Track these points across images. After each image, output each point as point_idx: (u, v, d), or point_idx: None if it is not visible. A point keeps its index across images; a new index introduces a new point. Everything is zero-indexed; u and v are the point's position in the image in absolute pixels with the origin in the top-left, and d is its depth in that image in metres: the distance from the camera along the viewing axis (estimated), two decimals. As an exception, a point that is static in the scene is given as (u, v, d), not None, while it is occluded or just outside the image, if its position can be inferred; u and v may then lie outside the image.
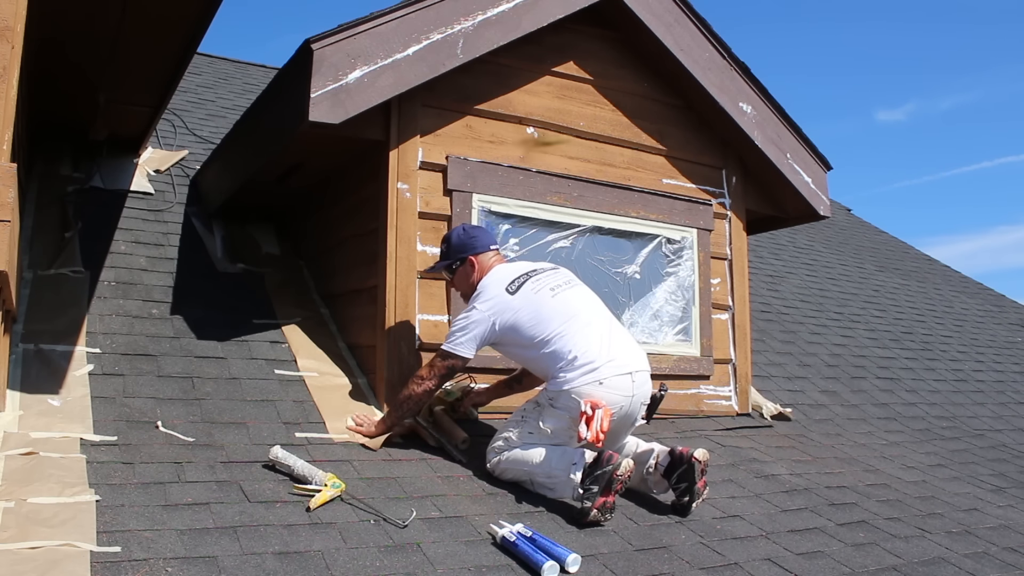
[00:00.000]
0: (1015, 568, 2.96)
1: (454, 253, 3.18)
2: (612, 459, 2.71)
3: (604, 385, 2.84)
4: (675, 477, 2.92)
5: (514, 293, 2.99)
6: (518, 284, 3.02)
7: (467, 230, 3.23)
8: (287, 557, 2.23)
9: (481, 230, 3.27)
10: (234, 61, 8.01)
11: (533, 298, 2.98)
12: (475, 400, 3.43)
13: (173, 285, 3.84)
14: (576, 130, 3.96)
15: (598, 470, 2.71)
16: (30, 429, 2.69)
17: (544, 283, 3.04)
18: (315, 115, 3.12)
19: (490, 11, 3.52)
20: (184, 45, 3.49)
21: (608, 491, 2.70)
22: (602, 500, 2.70)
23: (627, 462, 2.74)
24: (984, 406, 5.56)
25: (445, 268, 3.23)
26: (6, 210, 2.19)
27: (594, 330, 2.96)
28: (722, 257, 4.35)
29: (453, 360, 3.00)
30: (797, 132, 4.37)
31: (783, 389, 4.83)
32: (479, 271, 3.14)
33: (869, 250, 9.08)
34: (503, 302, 2.98)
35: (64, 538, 2.10)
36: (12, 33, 2.25)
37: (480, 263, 3.15)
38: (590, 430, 2.75)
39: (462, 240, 3.18)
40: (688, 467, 2.88)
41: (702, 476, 2.92)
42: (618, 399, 2.87)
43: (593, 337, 2.93)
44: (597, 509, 2.70)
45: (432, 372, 3.03)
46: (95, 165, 4.56)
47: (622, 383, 2.89)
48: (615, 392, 2.86)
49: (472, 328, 2.98)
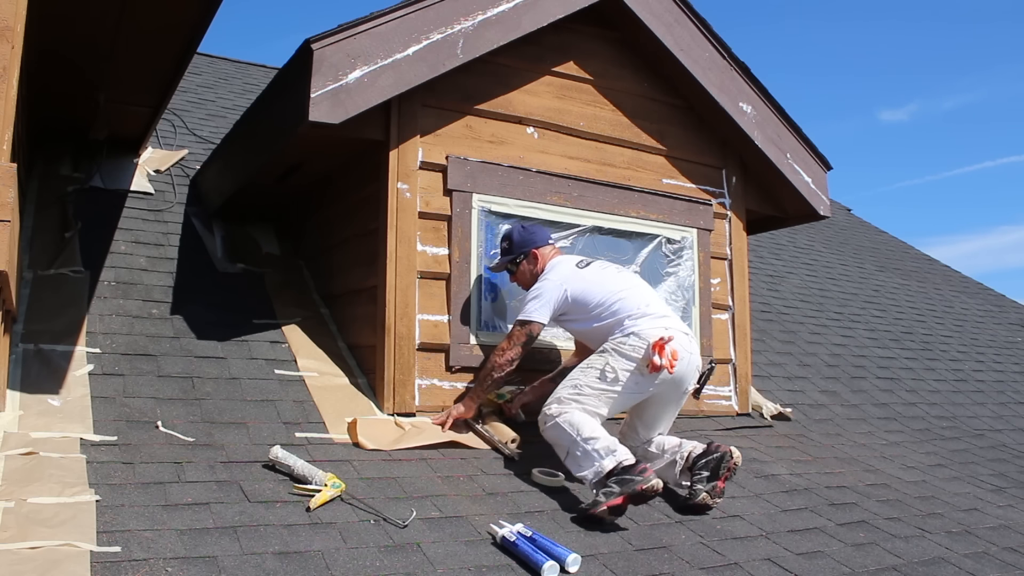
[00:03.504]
0: (1015, 568, 2.96)
1: (517, 248, 3.41)
2: (646, 472, 2.75)
3: (666, 336, 3.01)
4: (702, 463, 2.98)
5: (583, 268, 3.30)
6: (586, 263, 3.34)
7: (526, 227, 3.46)
8: (287, 557, 2.23)
9: (538, 226, 3.51)
10: (234, 61, 8.01)
11: (601, 272, 3.28)
12: (523, 400, 3.54)
13: (173, 285, 3.84)
14: (576, 130, 3.96)
15: (628, 475, 2.74)
16: (30, 429, 2.69)
17: (608, 266, 3.38)
18: (315, 115, 3.12)
19: (490, 11, 3.52)
20: (184, 45, 3.49)
21: (625, 496, 2.71)
22: (616, 502, 2.72)
23: (659, 482, 2.76)
24: (984, 406, 5.56)
25: (509, 263, 3.45)
26: (6, 210, 2.19)
27: (656, 299, 3.26)
28: (722, 257, 4.35)
29: (531, 326, 3.21)
30: (797, 132, 4.37)
31: (783, 389, 4.83)
32: (541, 263, 3.39)
33: (869, 250, 9.08)
34: (573, 273, 3.27)
35: (64, 538, 2.10)
36: (12, 33, 2.25)
37: (542, 255, 3.41)
38: (663, 357, 2.94)
39: (523, 236, 3.42)
40: (720, 457, 2.97)
41: (727, 473, 2.98)
42: (680, 352, 3.03)
43: (654, 303, 3.21)
44: (608, 508, 2.72)
45: (512, 342, 3.21)
46: (95, 165, 4.56)
47: (682, 340, 3.10)
48: (678, 345, 3.04)
49: (545, 295, 3.21)
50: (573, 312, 3.25)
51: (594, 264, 3.33)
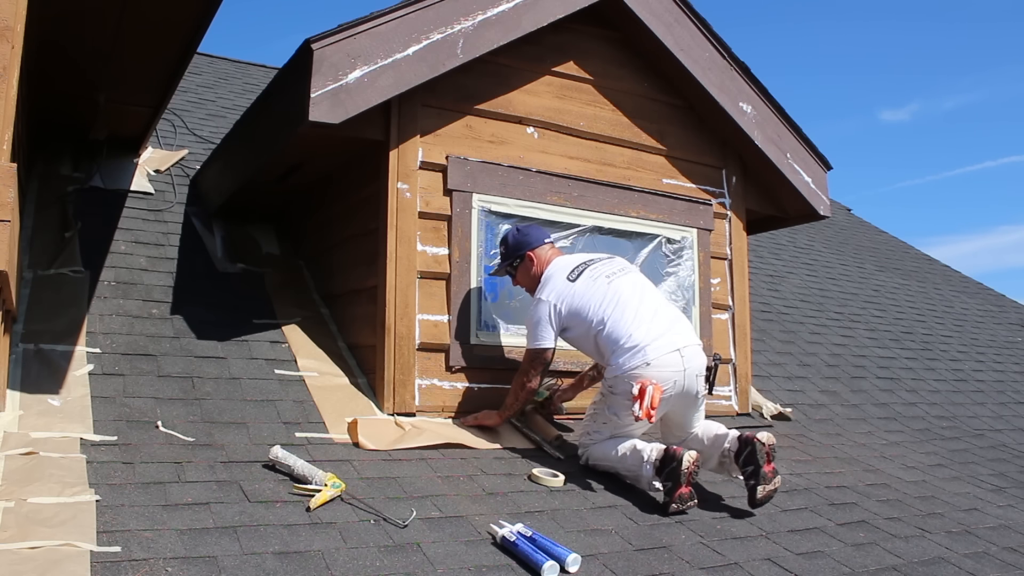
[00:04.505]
0: (1015, 568, 2.96)
1: (512, 252, 3.43)
2: (676, 454, 2.92)
3: (652, 365, 3.04)
4: (743, 460, 3.06)
5: (574, 280, 3.26)
6: (577, 272, 3.28)
7: (520, 229, 3.46)
8: (287, 557, 2.23)
9: (533, 227, 3.49)
10: (234, 61, 8.01)
11: (591, 285, 3.23)
12: (563, 397, 3.64)
13: (173, 285, 3.84)
14: (576, 130, 3.96)
15: (667, 467, 2.93)
16: (30, 429, 2.69)
17: (600, 271, 3.28)
18: (315, 115, 3.12)
19: (490, 11, 3.52)
20: (184, 45, 3.49)
21: (679, 483, 2.90)
22: (678, 492, 2.90)
23: (690, 453, 2.93)
24: (984, 406, 5.56)
25: (507, 267, 3.47)
26: (6, 210, 2.19)
27: (642, 314, 3.16)
28: (722, 257, 4.35)
29: (543, 354, 3.27)
30: (797, 132, 4.37)
31: (783, 389, 4.83)
32: (538, 264, 3.38)
33: (869, 250, 9.08)
34: (565, 288, 3.25)
35: (64, 538, 2.10)
36: (12, 33, 2.25)
37: (538, 256, 3.39)
38: (641, 407, 2.97)
39: (517, 239, 3.43)
40: (752, 449, 3.02)
41: (768, 460, 3.02)
42: (669, 375, 3.06)
43: (640, 320, 3.13)
44: (675, 501, 2.91)
45: (531, 373, 3.29)
46: (95, 165, 4.56)
47: (671, 360, 3.07)
48: (665, 369, 3.05)
49: (543, 318, 3.24)
50: (571, 328, 3.27)
51: (585, 273, 3.27)
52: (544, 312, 3.24)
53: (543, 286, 3.29)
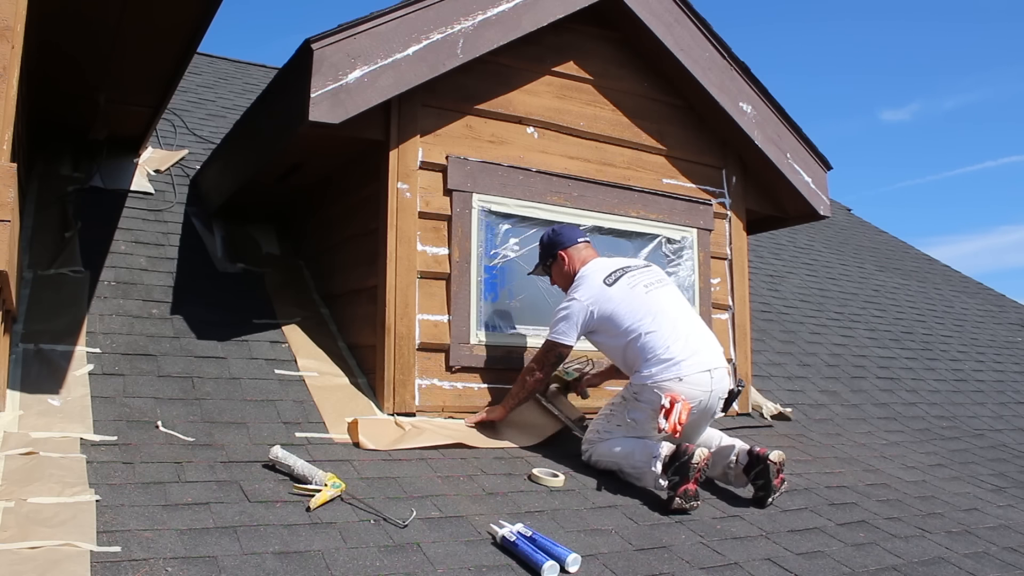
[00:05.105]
0: (1015, 568, 2.96)
1: (547, 252, 3.48)
2: (688, 450, 2.91)
3: (684, 381, 3.06)
4: (753, 475, 3.12)
5: (611, 285, 3.24)
6: (615, 277, 3.27)
7: (555, 230, 3.49)
8: (287, 557, 2.23)
9: (567, 226, 3.53)
10: (234, 61, 8.01)
11: (628, 292, 3.22)
12: (590, 382, 3.70)
13: (173, 285, 3.84)
14: (576, 130, 3.96)
15: (677, 461, 2.92)
16: (30, 429, 2.69)
17: (639, 279, 3.27)
18: (315, 115, 3.12)
19: (490, 11, 3.52)
20: (184, 45, 3.49)
21: (687, 479, 2.90)
22: (683, 488, 2.90)
23: (702, 451, 2.93)
24: (984, 406, 5.56)
25: (543, 267, 3.51)
26: (6, 210, 2.19)
27: (679, 328, 3.17)
28: (722, 257, 4.35)
29: (559, 348, 3.27)
30: (797, 132, 4.37)
31: (783, 389, 4.83)
32: (571, 263, 3.41)
33: (869, 250, 9.08)
34: (601, 292, 3.23)
35: (64, 538, 2.10)
36: (12, 33, 2.25)
37: (571, 256, 3.42)
38: (668, 422, 2.97)
39: (551, 239, 3.47)
40: (764, 467, 3.08)
41: (778, 474, 3.10)
42: (697, 394, 3.08)
43: (678, 335, 3.14)
44: (679, 496, 2.90)
45: (541, 364, 3.29)
46: (95, 165, 4.56)
47: (701, 379, 3.10)
48: (695, 387, 3.08)
49: (572, 316, 3.23)
50: (600, 332, 3.26)
51: (622, 280, 3.25)
52: (575, 310, 3.23)
53: (577, 285, 3.30)
